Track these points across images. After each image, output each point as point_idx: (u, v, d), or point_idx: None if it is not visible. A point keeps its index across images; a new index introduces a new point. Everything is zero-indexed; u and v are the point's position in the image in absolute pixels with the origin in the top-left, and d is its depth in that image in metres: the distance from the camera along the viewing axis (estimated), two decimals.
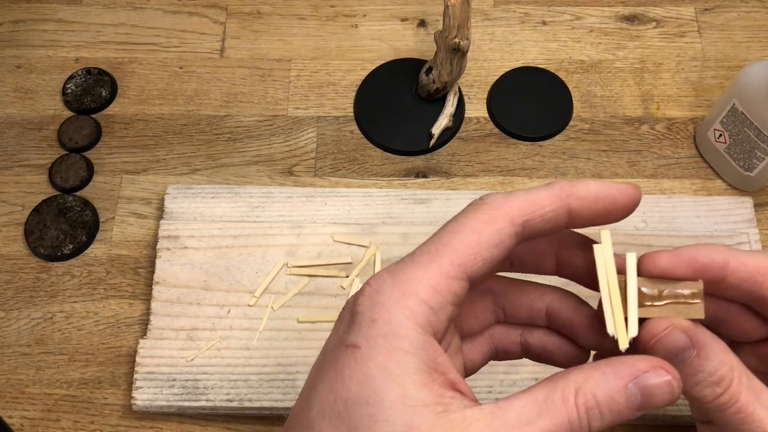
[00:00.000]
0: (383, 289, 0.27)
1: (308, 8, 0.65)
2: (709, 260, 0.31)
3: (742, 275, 0.31)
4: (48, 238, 0.54)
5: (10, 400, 0.49)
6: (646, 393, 0.27)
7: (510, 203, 0.28)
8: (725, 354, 0.30)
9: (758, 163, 0.53)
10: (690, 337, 0.29)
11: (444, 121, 0.58)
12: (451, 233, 0.28)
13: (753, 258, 0.31)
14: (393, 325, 0.27)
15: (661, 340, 0.29)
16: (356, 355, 0.27)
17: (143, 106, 0.60)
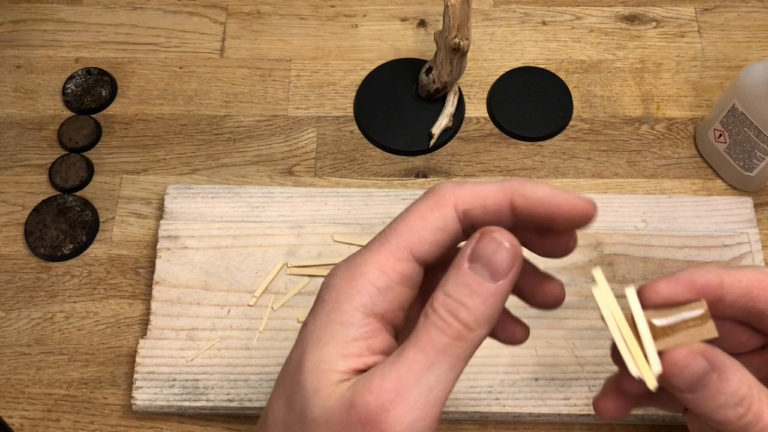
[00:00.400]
0: (337, 273, 0.30)
1: (308, 8, 0.65)
2: (705, 281, 0.31)
3: (738, 292, 0.32)
4: (48, 238, 0.54)
5: (10, 400, 0.49)
6: (484, 260, 0.28)
7: (456, 191, 0.29)
8: (742, 372, 0.30)
9: (758, 163, 0.53)
10: (709, 360, 0.29)
11: (444, 121, 0.58)
12: (399, 220, 0.30)
13: (746, 274, 0.32)
14: (337, 303, 0.29)
15: (684, 370, 0.29)
16: (303, 331, 0.30)
17: (143, 106, 0.60)
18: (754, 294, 0.32)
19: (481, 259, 0.28)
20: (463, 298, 0.28)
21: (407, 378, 0.27)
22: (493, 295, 0.28)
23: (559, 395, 0.46)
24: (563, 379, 0.46)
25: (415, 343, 0.28)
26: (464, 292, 0.28)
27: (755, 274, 0.32)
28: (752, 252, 0.51)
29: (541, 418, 0.46)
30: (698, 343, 0.30)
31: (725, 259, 0.51)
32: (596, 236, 0.51)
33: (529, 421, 0.47)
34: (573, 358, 0.47)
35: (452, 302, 0.28)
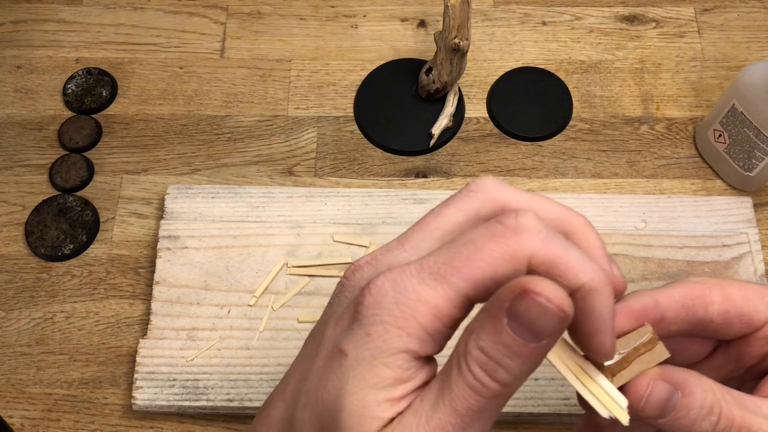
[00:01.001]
0: (384, 304, 0.27)
1: (308, 8, 0.65)
2: (641, 305, 0.32)
3: (675, 306, 0.32)
4: (48, 238, 0.54)
5: (10, 400, 0.50)
6: (526, 322, 0.24)
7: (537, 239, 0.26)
8: (703, 381, 0.30)
9: (758, 163, 0.53)
10: (669, 381, 0.30)
11: (444, 121, 0.58)
12: (463, 257, 0.26)
13: (676, 288, 0.32)
14: (384, 343, 0.26)
15: (649, 399, 0.29)
16: (342, 362, 0.27)
17: (143, 106, 0.60)
18: (689, 304, 0.32)
19: (523, 321, 0.24)
20: (502, 359, 0.25)
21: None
22: (535, 354, 0.25)
23: (559, 395, 0.46)
24: (563, 379, 0.46)
25: (448, 402, 0.26)
26: (503, 352, 0.25)
27: (685, 286, 0.32)
28: (752, 252, 0.51)
29: (541, 418, 0.46)
30: (654, 368, 0.30)
31: (725, 260, 0.51)
32: None
33: (529, 421, 0.47)
34: None
35: (489, 361, 0.25)
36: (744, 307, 0.32)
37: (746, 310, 0.32)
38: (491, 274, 0.26)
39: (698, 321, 0.32)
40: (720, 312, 0.32)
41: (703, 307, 0.32)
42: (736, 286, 0.32)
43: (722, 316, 0.32)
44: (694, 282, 0.32)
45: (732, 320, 0.32)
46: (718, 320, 0.32)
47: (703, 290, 0.32)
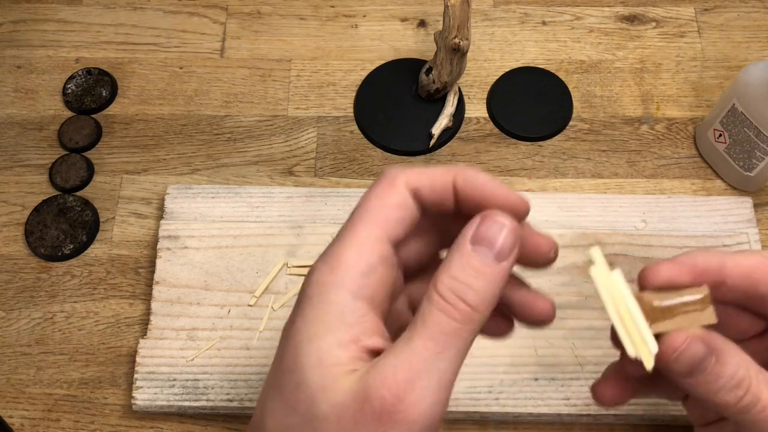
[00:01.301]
0: (317, 268, 0.29)
1: (308, 8, 0.65)
2: (707, 263, 0.31)
3: (739, 275, 0.32)
4: (48, 238, 0.54)
5: (10, 400, 0.50)
6: (488, 241, 0.28)
7: (405, 171, 0.31)
8: (740, 356, 0.30)
9: (758, 163, 0.53)
10: (707, 345, 0.30)
11: (444, 121, 0.58)
12: (360, 206, 0.31)
13: (747, 258, 0.32)
14: (323, 294, 0.29)
15: (682, 354, 0.30)
16: (290, 329, 0.29)
17: (143, 106, 0.60)
18: (755, 277, 0.32)
19: (485, 241, 0.28)
20: (470, 280, 0.28)
21: (419, 366, 0.27)
22: (498, 275, 0.28)
23: (559, 395, 0.46)
24: (563, 379, 0.46)
25: (423, 329, 0.28)
26: (470, 274, 0.28)
27: (756, 257, 0.32)
28: None
29: (541, 418, 0.46)
30: (698, 329, 0.30)
31: None
32: (596, 236, 0.51)
33: (529, 421, 0.47)
34: (573, 358, 0.47)
35: (458, 284, 0.28)
36: None
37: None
38: (383, 204, 0.30)
39: (759, 296, 0.32)
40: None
41: (767, 284, 0.31)
42: None
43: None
44: (765, 256, 0.32)
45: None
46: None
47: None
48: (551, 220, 0.53)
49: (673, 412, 0.45)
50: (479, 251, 0.28)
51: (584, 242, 0.51)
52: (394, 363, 0.27)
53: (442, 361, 0.27)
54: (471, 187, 0.30)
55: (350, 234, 0.30)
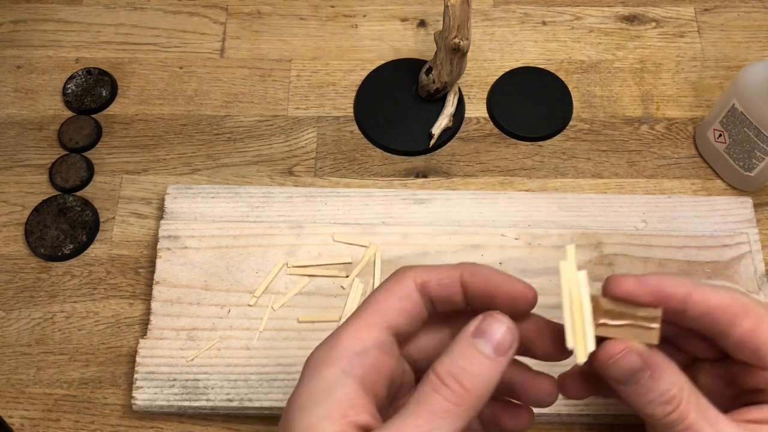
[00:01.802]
0: (318, 347, 0.32)
1: (308, 8, 0.65)
2: (672, 291, 0.33)
3: (702, 310, 0.33)
4: (48, 238, 0.54)
5: (10, 400, 0.50)
6: (488, 336, 0.30)
7: (415, 269, 0.34)
8: (676, 375, 0.32)
9: (758, 163, 0.53)
10: (644, 359, 0.32)
11: (444, 121, 0.58)
12: (368, 299, 0.33)
13: (715, 294, 0.33)
14: (317, 371, 0.31)
15: (617, 362, 0.32)
16: (290, 401, 0.31)
17: (143, 106, 0.60)
18: (716, 315, 0.33)
19: (486, 335, 0.30)
20: (466, 365, 0.30)
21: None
22: (495, 368, 0.30)
23: None
24: None
25: (416, 407, 0.29)
26: (467, 360, 0.30)
27: (725, 297, 0.33)
28: (752, 252, 0.51)
29: (541, 418, 0.46)
30: (639, 344, 0.32)
31: (725, 260, 0.51)
32: (596, 236, 0.51)
33: None
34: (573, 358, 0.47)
35: (456, 368, 0.29)
36: (764, 346, 0.33)
37: (764, 350, 0.33)
38: (388, 296, 0.33)
39: (716, 333, 0.33)
40: (740, 338, 0.33)
41: (728, 325, 0.33)
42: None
43: (739, 342, 0.33)
44: (734, 298, 0.33)
45: (745, 350, 0.33)
46: (734, 343, 0.33)
47: (738, 311, 0.33)
48: (551, 220, 0.53)
49: None
50: (479, 343, 0.30)
51: (584, 242, 0.51)
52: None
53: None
54: (477, 280, 0.33)
55: (352, 320, 0.32)
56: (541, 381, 0.35)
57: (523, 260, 0.50)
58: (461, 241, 0.51)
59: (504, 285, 0.33)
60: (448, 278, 0.33)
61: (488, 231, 0.51)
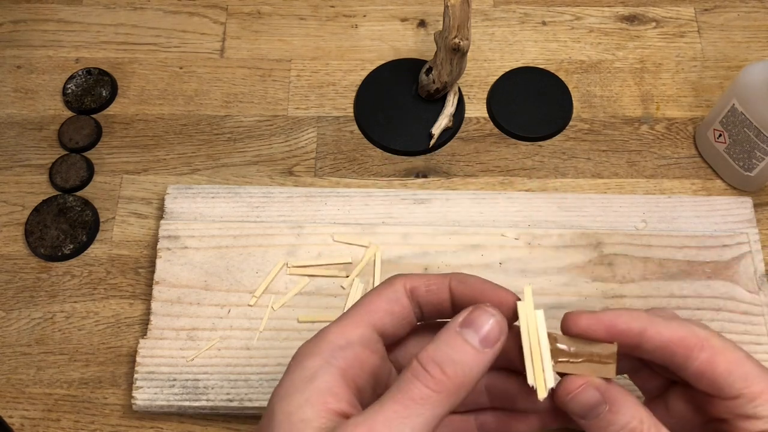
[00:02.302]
0: (307, 342, 0.33)
1: (308, 8, 0.65)
2: (626, 327, 0.33)
3: (657, 344, 0.33)
4: (48, 238, 0.54)
5: (10, 400, 0.50)
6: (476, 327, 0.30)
7: (406, 276, 0.35)
8: (635, 408, 0.32)
9: (758, 164, 0.53)
10: (602, 393, 0.32)
11: (444, 121, 0.58)
12: (361, 299, 0.34)
13: (669, 329, 0.33)
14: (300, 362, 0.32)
15: (575, 397, 0.33)
16: (273, 392, 0.32)
17: (143, 106, 0.60)
18: (671, 349, 0.33)
19: (473, 326, 0.30)
20: (452, 354, 0.30)
21: (380, 428, 0.28)
22: (480, 359, 0.30)
23: None
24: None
25: (396, 393, 0.29)
26: (453, 350, 0.30)
27: (680, 331, 0.33)
28: (752, 252, 0.51)
29: None
30: (598, 378, 0.33)
31: (725, 260, 0.51)
32: (596, 236, 0.51)
33: None
34: None
35: (440, 355, 0.30)
36: (721, 378, 0.33)
37: (721, 382, 0.33)
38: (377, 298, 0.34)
39: (673, 365, 0.34)
40: (697, 370, 0.33)
41: (684, 358, 0.33)
42: (728, 353, 0.33)
43: (697, 375, 0.33)
44: (689, 331, 0.33)
45: (703, 381, 0.33)
46: (692, 375, 0.34)
47: (694, 345, 0.33)
48: (551, 220, 0.53)
49: None
50: (466, 333, 0.30)
51: (584, 242, 0.51)
52: (357, 421, 0.28)
53: (405, 427, 0.28)
54: (464, 286, 0.34)
55: (340, 318, 0.33)
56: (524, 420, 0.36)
57: (523, 260, 0.50)
58: (461, 241, 0.51)
59: (489, 292, 0.33)
60: (436, 285, 0.34)
61: (488, 231, 0.51)
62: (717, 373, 0.33)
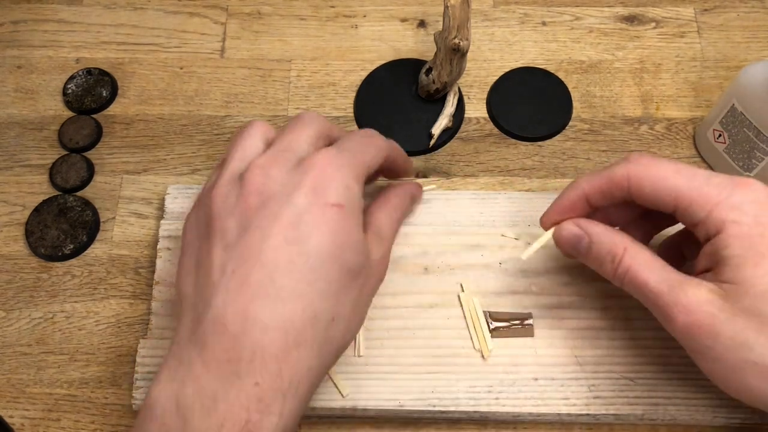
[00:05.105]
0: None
1: (308, 9, 0.65)
2: (570, 202, 0.42)
3: (597, 192, 0.41)
4: (48, 238, 0.54)
5: (10, 400, 0.50)
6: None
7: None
8: (612, 236, 0.39)
9: (757, 164, 0.53)
10: (582, 228, 0.41)
11: (444, 121, 0.58)
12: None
13: (599, 177, 0.41)
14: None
15: (560, 236, 0.41)
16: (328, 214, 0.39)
17: (144, 106, 0.60)
18: (606, 190, 0.40)
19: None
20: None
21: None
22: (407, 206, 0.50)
23: (558, 395, 0.46)
24: (563, 378, 0.46)
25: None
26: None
27: (606, 174, 0.40)
28: None
29: (540, 418, 0.47)
30: (574, 219, 0.42)
31: None
32: None
33: (529, 420, 0.47)
34: (573, 358, 0.47)
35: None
36: (650, 197, 0.38)
37: (653, 201, 0.38)
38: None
39: (620, 199, 0.40)
40: (636, 197, 0.39)
41: (620, 190, 0.39)
42: (652, 170, 0.38)
43: (642, 201, 0.39)
44: (618, 168, 0.39)
45: (647, 205, 0.39)
46: (639, 203, 0.39)
47: (623, 176, 0.39)
48: None
49: (673, 412, 0.45)
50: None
51: None
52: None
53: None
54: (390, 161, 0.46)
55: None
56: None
57: (523, 260, 0.50)
58: (461, 241, 0.51)
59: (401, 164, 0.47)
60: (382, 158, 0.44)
61: (488, 231, 0.51)
62: (645, 195, 0.38)
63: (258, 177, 0.37)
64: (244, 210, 0.36)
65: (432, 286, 0.49)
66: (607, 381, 0.46)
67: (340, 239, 0.36)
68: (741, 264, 0.33)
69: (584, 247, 0.40)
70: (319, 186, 0.37)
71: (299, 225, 0.36)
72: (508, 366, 0.47)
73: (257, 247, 0.35)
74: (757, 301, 0.33)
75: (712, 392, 0.46)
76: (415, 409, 0.46)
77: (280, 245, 0.35)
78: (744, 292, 0.33)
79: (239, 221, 0.36)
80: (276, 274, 0.35)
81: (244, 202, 0.36)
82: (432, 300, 0.49)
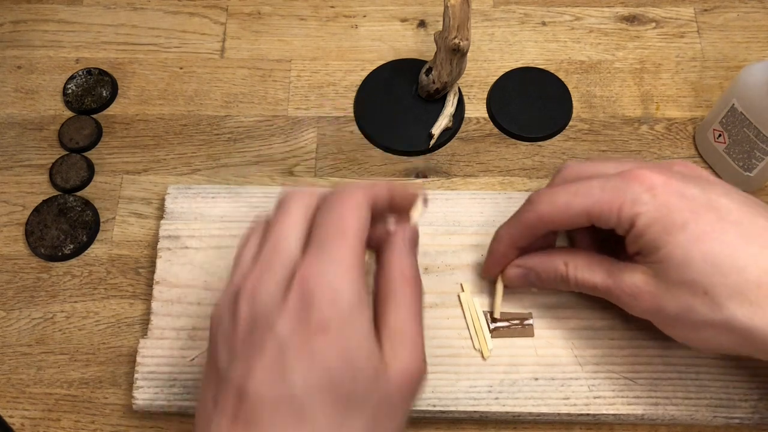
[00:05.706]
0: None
1: (308, 9, 0.65)
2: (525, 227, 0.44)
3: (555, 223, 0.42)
4: (48, 238, 0.54)
5: (10, 400, 0.50)
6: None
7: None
8: (553, 257, 0.44)
9: (757, 164, 0.53)
10: (523, 266, 0.45)
11: (444, 121, 0.58)
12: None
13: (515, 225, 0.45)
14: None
15: (510, 280, 0.46)
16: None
17: (144, 106, 0.61)
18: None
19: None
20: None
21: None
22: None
23: (558, 395, 0.46)
24: (563, 378, 0.46)
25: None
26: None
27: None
28: None
29: (540, 418, 0.47)
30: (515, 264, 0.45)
31: None
32: None
33: (529, 420, 0.47)
34: (573, 357, 0.47)
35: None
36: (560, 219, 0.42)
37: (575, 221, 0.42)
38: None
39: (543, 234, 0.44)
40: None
41: (538, 229, 0.43)
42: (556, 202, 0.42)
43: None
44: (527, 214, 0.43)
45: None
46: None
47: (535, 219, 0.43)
48: None
49: (673, 412, 0.45)
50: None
51: None
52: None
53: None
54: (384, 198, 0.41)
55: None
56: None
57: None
58: (461, 241, 0.51)
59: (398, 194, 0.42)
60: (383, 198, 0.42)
61: (488, 231, 0.51)
62: (562, 225, 0.42)
63: (245, 305, 0.35)
64: (231, 338, 0.35)
65: (432, 286, 0.49)
66: (607, 381, 0.46)
67: (331, 365, 0.32)
68: (657, 246, 0.38)
69: (534, 279, 0.45)
70: (303, 307, 0.33)
71: (283, 359, 0.33)
72: (508, 366, 0.47)
73: (241, 382, 0.33)
74: (680, 271, 0.38)
75: (712, 392, 0.46)
76: (415, 409, 0.46)
77: (264, 382, 0.33)
78: (668, 267, 0.38)
79: (228, 349, 0.35)
80: (263, 414, 0.32)
81: (232, 330, 0.35)
82: (432, 300, 0.49)
